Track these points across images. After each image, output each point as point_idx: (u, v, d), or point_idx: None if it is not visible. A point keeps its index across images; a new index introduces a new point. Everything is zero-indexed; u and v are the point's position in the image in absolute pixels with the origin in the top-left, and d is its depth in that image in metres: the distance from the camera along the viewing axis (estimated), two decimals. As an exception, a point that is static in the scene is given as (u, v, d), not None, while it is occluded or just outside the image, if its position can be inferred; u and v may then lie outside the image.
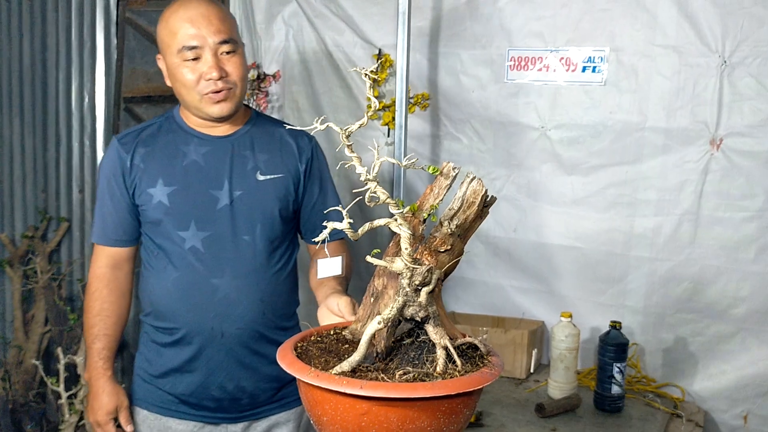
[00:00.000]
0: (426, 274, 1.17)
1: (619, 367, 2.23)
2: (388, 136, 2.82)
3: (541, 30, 2.51)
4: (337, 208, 1.19)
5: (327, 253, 1.41)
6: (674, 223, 2.40)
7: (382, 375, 1.16)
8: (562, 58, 2.49)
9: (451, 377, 1.13)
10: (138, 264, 1.94)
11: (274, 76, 3.02)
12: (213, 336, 1.79)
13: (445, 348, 1.16)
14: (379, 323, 1.15)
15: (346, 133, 1.23)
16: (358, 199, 1.22)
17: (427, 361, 1.18)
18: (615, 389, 2.24)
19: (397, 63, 2.42)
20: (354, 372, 1.14)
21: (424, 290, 1.17)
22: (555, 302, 2.61)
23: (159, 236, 1.79)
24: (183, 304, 1.78)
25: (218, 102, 1.72)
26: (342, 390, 1.07)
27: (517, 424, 2.14)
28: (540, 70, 2.52)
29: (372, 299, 1.29)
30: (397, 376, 1.12)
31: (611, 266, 2.52)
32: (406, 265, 1.16)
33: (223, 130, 1.82)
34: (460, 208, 1.28)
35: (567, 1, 2.45)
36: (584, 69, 2.47)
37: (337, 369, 1.14)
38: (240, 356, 1.81)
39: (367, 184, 1.19)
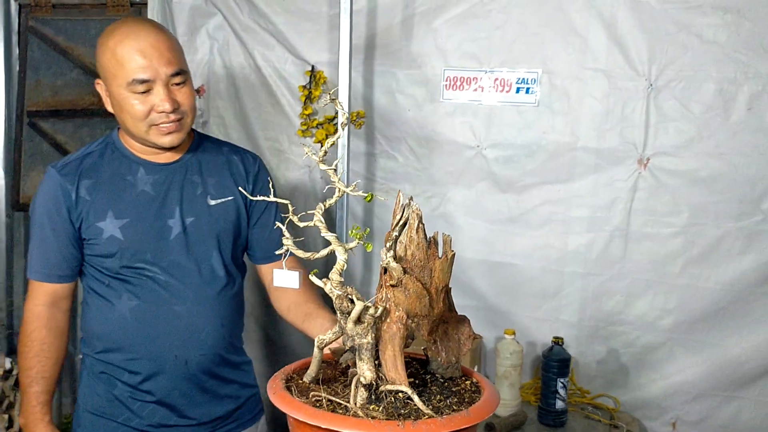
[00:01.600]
0: (341, 302, 1.17)
1: (562, 382, 2.28)
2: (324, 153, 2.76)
3: (475, 51, 2.54)
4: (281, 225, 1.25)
5: (284, 265, 1.44)
6: (605, 239, 2.49)
7: (316, 393, 1.16)
8: (497, 79, 2.53)
9: (365, 417, 1.09)
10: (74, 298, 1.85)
11: (198, 91, 2.90)
12: (177, 364, 1.76)
13: (369, 387, 1.13)
14: (318, 343, 1.20)
15: (321, 156, 1.25)
16: (288, 219, 1.27)
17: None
18: (559, 404, 2.29)
19: (340, 81, 2.37)
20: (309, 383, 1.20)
21: (349, 319, 1.17)
22: (491, 318, 2.64)
23: (112, 268, 1.72)
24: (144, 334, 1.73)
25: (169, 133, 1.70)
26: (269, 393, 1.16)
27: (469, 445, 2.14)
28: (475, 90, 2.55)
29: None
30: (310, 396, 1.14)
31: (546, 282, 2.58)
32: (331, 290, 1.17)
33: (168, 156, 1.80)
34: (405, 243, 1.25)
35: (501, 24, 2.50)
36: (518, 90, 2.52)
37: (304, 379, 1.21)
38: (201, 381, 1.80)
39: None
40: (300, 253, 1.23)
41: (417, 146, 2.65)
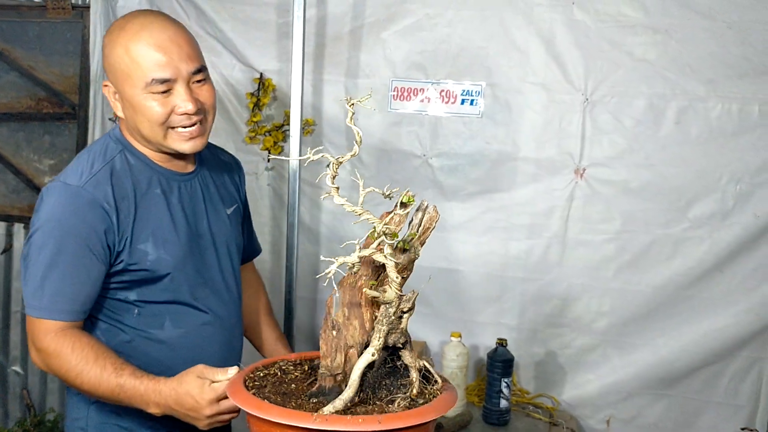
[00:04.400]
0: (409, 305, 1.21)
1: (506, 382, 2.37)
2: (268, 161, 2.79)
3: (422, 63, 2.62)
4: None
5: (337, 291, 1.28)
6: (544, 245, 2.60)
7: (379, 405, 1.18)
8: (443, 91, 2.62)
9: (433, 397, 1.21)
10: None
11: (142, 97, 2.87)
12: None
13: (421, 370, 1.20)
14: (372, 355, 1.16)
15: (338, 163, 1.25)
16: (368, 221, 1.21)
17: (401, 386, 1.22)
18: (503, 403, 2.37)
19: (292, 89, 2.41)
20: (345, 410, 1.14)
21: (406, 316, 1.21)
22: (436, 323, 2.71)
23: (150, 295, 1.56)
24: (189, 360, 1.53)
25: (191, 139, 1.54)
26: (360, 429, 1.07)
27: (418, 444, 2.19)
28: (422, 101, 2.64)
29: (334, 333, 1.29)
30: (397, 405, 1.16)
31: (488, 287, 2.67)
32: (397, 293, 1.18)
33: (184, 165, 1.65)
34: (418, 235, 1.33)
35: (446, 38, 2.59)
36: (463, 102, 2.62)
37: (330, 408, 1.13)
38: None
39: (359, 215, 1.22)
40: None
41: (365, 155, 2.70)
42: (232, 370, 1.38)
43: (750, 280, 2.45)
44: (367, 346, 1.27)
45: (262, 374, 1.35)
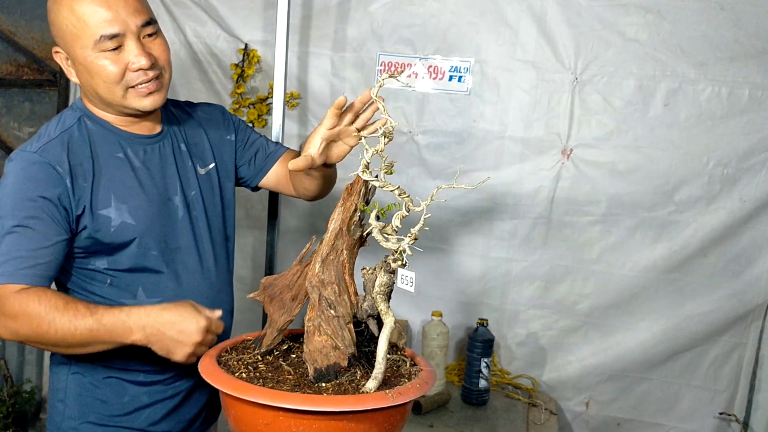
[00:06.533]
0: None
1: (486, 362, 2.36)
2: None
3: (410, 38, 2.58)
4: None
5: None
6: (529, 226, 2.58)
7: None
8: (430, 66, 2.58)
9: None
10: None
11: (124, 65, 2.81)
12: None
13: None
14: (394, 323, 1.20)
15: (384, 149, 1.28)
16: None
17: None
18: (482, 383, 2.36)
19: (276, 61, 2.36)
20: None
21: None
22: (418, 301, 2.69)
23: (120, 263, 1.53)
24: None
25: (149, 94, 1.50)
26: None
27: (395, 422, 2.19)
28: (409, 76, 2.59)
29: (333, 312, 1.26)
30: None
31: (472, 266, 2.65)
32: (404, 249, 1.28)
33: (150, 127, 1.61)
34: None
35: (436, 12, 2.54)
36: (450, 78, 2.57)
37: (373, 384, 1.16)
38: None
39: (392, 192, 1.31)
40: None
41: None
42: (218, 312, 1.44)
43: (734, 265, 2.44)
44: (354, 316, 1.27)
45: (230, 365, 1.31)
